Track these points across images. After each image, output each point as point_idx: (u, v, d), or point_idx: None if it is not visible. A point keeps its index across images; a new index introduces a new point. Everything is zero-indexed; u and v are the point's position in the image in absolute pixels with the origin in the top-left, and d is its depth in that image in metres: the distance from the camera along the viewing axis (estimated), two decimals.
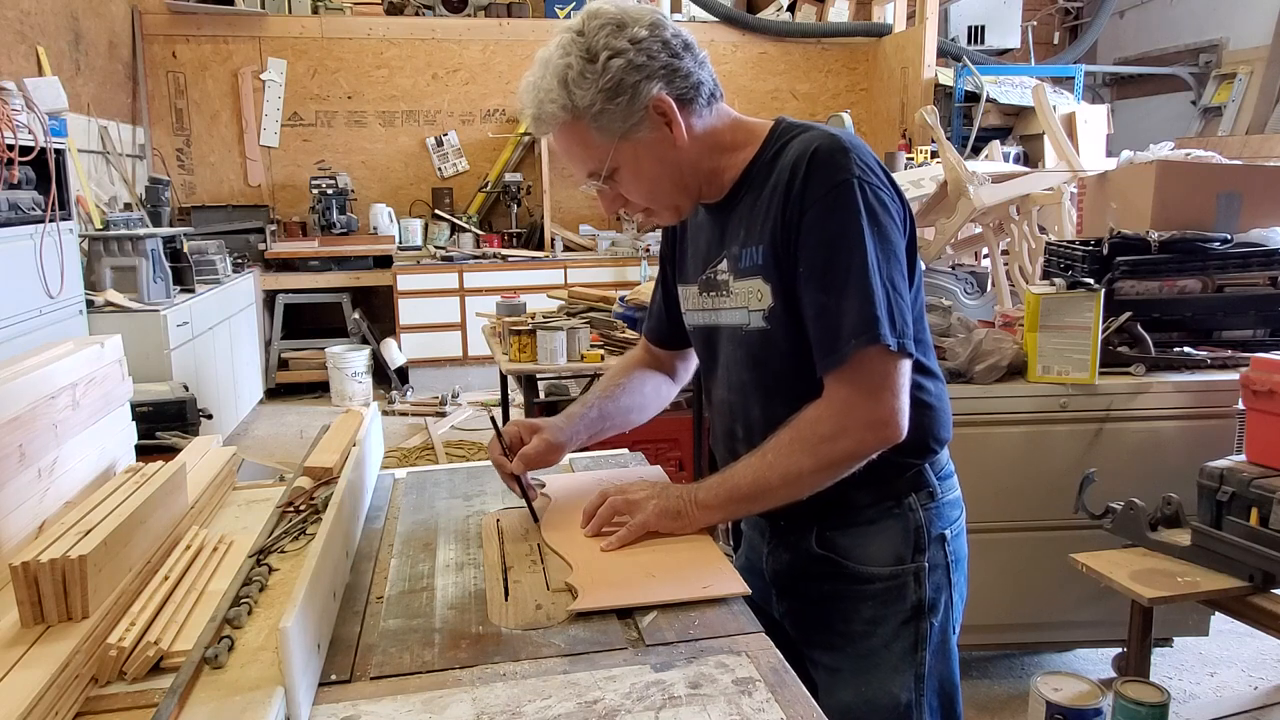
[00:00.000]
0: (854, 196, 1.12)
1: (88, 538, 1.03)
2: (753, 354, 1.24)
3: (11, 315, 3.10)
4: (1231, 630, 2.71)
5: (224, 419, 4.70)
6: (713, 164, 1.24)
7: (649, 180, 1.21)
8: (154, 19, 5.97)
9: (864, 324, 1.10)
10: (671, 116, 1.17)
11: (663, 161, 1.19)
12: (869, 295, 1.10)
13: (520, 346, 3.29)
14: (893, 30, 6.70)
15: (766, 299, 1.20)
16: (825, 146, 1.14)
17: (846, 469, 1.16)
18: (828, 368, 1.14)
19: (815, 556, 1.28)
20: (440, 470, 1.62)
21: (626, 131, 1.16)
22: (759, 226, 1.19)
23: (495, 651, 0.98)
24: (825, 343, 1.14)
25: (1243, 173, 2.82)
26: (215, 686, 0.91)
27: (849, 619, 1.27)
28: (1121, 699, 1.59)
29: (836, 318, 1.12)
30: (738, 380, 1.28)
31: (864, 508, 1.25)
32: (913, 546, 1.25)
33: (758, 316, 1.21)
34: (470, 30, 6.48)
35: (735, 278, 1.24)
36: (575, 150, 1.21)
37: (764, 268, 1.19)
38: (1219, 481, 1.93)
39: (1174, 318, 2.54)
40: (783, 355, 1.21)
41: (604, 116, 1.15)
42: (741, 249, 1.22)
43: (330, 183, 6.06)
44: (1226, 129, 6.09)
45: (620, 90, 1.13)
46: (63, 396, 1.28)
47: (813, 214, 1.13)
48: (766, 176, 1.21)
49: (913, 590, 1.26)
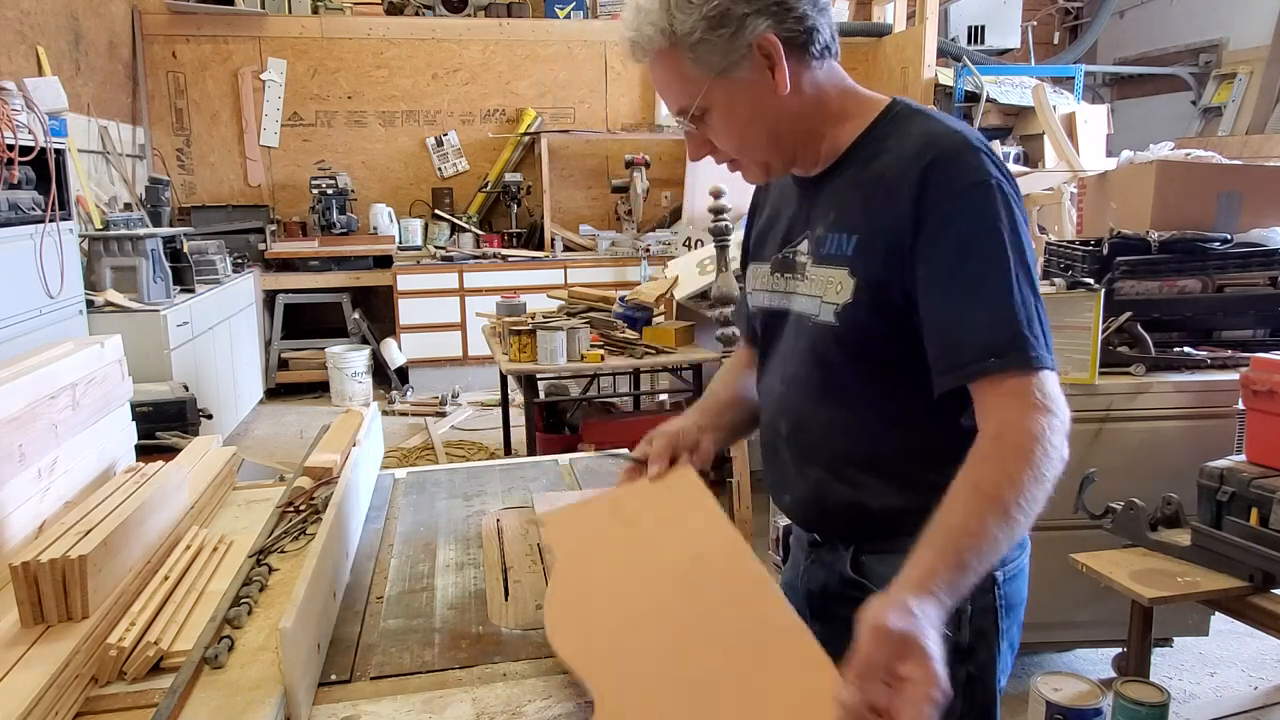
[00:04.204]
0: (994, 201, 1.01)
1: (88, 538, 1.03)
2: (814, 348, 1.13)
3: (11, 315, 3.10)
4: (1231, 630, 2.70)
5: (224, 419, 4.70)
6: (813, 127, 1.11)
7: (741, 126, 1.09)
8: (154, 19, 5.97)
9: (1007, 341, 0.97)
10: (776, 59, 1.04)
11: (759, 108, 1.07)
12: (1008, 308, 0.98)
13: (520, 346, 3.29)
14: (893, 30, 6.70)
15: (845, 294, 1.07)
16: (959, 142, 1.03)
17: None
18: (951, 385, 1.01)
19: (848, 580, 1.17)
20: (440, 470, 1.62)
21: (725, 68, 1.05)
22: (856, 213, 1.08)
23: (495, 651, 0.98)
24: (948, 357, 1.01)
25: (1243, 173, 2.82)
26: (215, 686, 0.91)
27: None
28: (1121, 699, 1.59)
29: (965, 332, 0.99)
30: (793, 372, 1.17)
31: (908, 534, 1.01)
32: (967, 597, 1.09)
33: (829, 310, 1.09)
34: (470, 30, 6.48)
35: (814, 262, 1.13)
36: (668, 82, 1.09)
37: (852, 260, 1.07)
38: (1219, 481, 1.92)
39: (1174, 318, 2.54)
40: (848, 357, 1.10)
41: (702, 47, 1.04)
42: (829, 233, 1.11)
43: (330, 183, 6.06)
44: (1226, 129, 6.09)
45: (725, 21, 1.03)
46: (63, 396, 1.28)
47: (942, 214, 1.01)
48: (873, 158, 1.09)
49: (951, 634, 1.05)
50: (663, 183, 6.76)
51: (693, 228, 5.00)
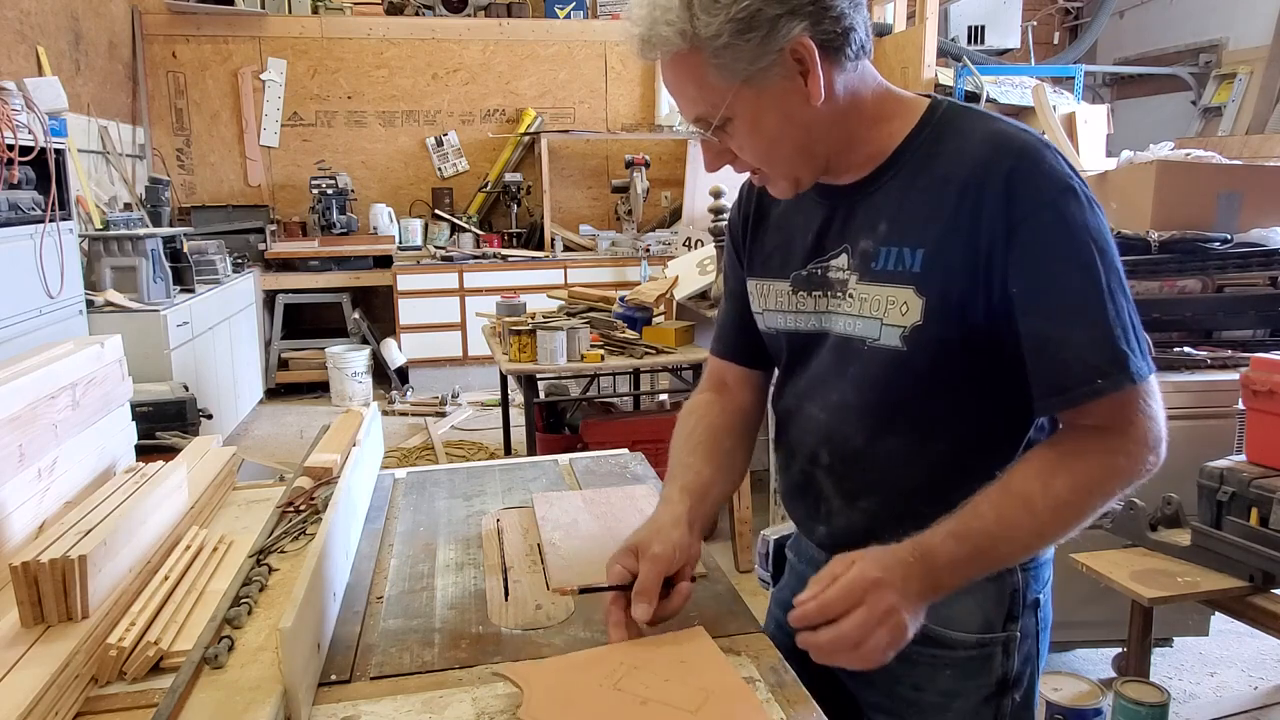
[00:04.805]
0: (1082, 208, 0.94)
1: (88, 538, 1.03)
2: (873, 375, 1.02)
3: (11, 315, 3.10)
4: (1231, 630, 2.71)
5: (224, 419, 4.70)
6: (848, 134, 1.01)
7: (768, 138, 0.98)
8: (154, 19, 5.97)
9: (1110, 361, 0.93)
10: (810, 66, 0.94)
11: (789, 119, 0.97)
12: (1110, 326, 0.93)
13: (520, 346, 3.29)
14: (893, 30, 6.70)
15: (914, 315, 0.97)
16: (1036, 143, 0.95)
17: None
18: (1058, 407, 0.96)
19: None
20: (440, 470, 1.62)
21: (752, 75, 0.94)
22: (919, 225, 0.98)
23: (495, 651, 0.98)
24: (1054, 380, 0.95)
25: (1243, 173, 2.82)
26: (215, 686, 0.91)
27: (921, 688, 1.08)
28: (1121, 699, 1.59)
29: (1072, 352, 0.93)
30: (840, 400, 1.06)
31: None
32: (1005, 613, 1.06)
33: (894, 334, 0.99)
34: (470, 30, 6.48)
35: (864, 279, 1.02)
36: (685, 87, 0.98)
37: (922, 276, 0.97)
38: (1219, 481, 1.92)
39: (1174, 318, 2.54)
40: (918, 384, 1.00)
41: (728, 53, 0.93)
42: (882, 247, 1.00)
43: (330, 183, 6.06)
44: (1226, 129, 6.09)
45: (754, 24, 0.91)
46: (63, 396, 1.28)
47: (1035, 224, 0.93)
48: (928, 162, 0.99)
49: (999, 662, 1.07)
50: (663, 183, 6.76)
51: (693, 228, 5.00)
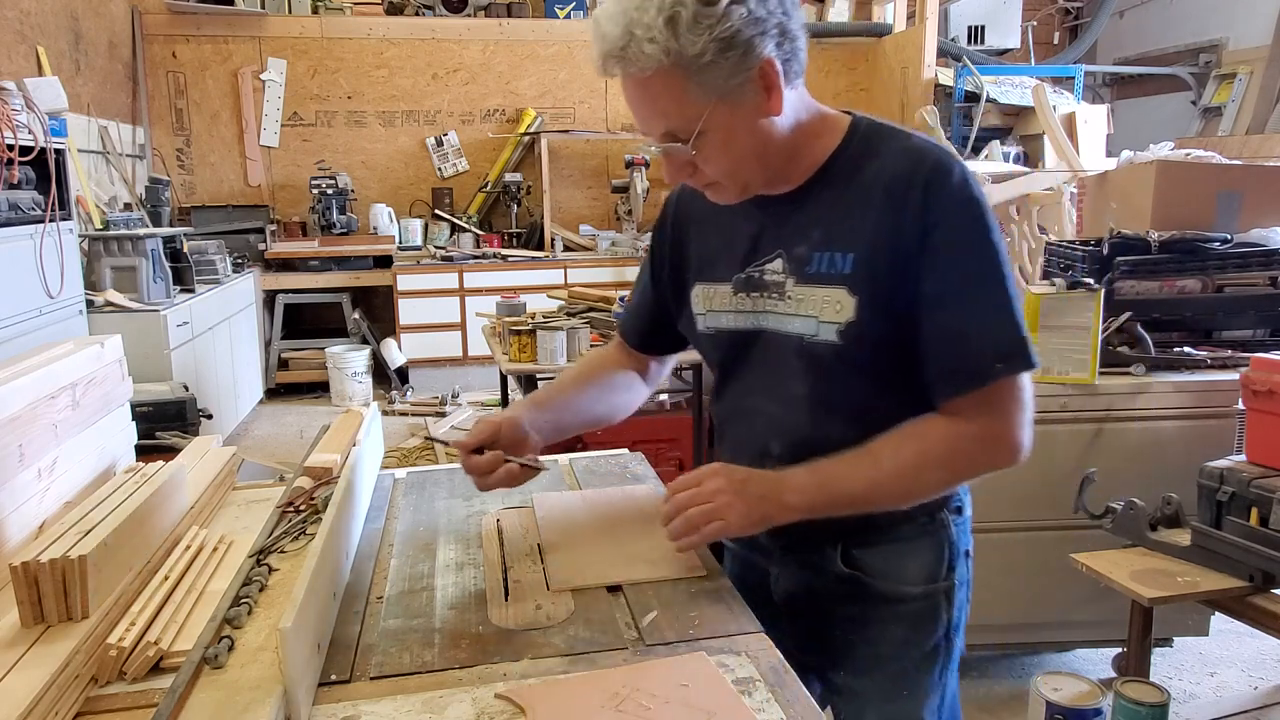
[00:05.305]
0: (983, 216, 1.06)
1: (88, 538, 1.03)
2: (814, 368, 1.12)
3: (11, 315, 3.10)
4: (1231, 630, 2.71)
5: (224, 419, 4.70)
6: (792, 147, 1.10)
7: (736, 151, 1.07)
8: (154, 19, 5.97)
9: (1008, 349, 1.05)
10: (774, 82, 1.03)
11: (754, 132, 1.06)
12: (1009, 317, 1.05)
13: (520, 346, 3.29)
14: (893, 30, 6.70)
15: (847, 312, 1.08)
16: (944, 160, 1.07)
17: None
18: (955, 394, 1.08)
19: (841, 576, 1.19)
20: (440, 470, 1.62)
21: (728, 91, 1.02)
22: (848, 232, 1.09)
23: (495, 651, 0.98)
24: (955, 369, 1.07)
25: (1243, 173, 2.82)
26: (215, 686, 0.91)
27: (877, 641, 1.20)
28: (1121, 699, 1.59)
29: (974, 343, 1.05)
30: (786, 393, 1.16)
31: (898, 524, 1.17)
32: (946, 564, 1.20)
33: (830, 329, 1.09)
34: (470, 30, 6.48)
35: (799, 282, 1.12)
36: (660, 104, 1.03)
37: (852, 278, 1.08)
38: (1219, 481, 1.93)
39: (1174, 318, 2.54)
40: (855, 373, 1.11)
41: (709, 70, 0.99)
42: (815, 252, 1.11)
43: (330, 183, 6.06)
44: (1226, 129, 6.09)
45: (734, 44, 0.99)
46: (63, 396, 1.28)
47: (946, 229, 1.05)
48: (852, 176, 1.10)
49: (944, 610, 1.20)
50: (662, 183, 6.75)
51: None
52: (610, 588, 1.12)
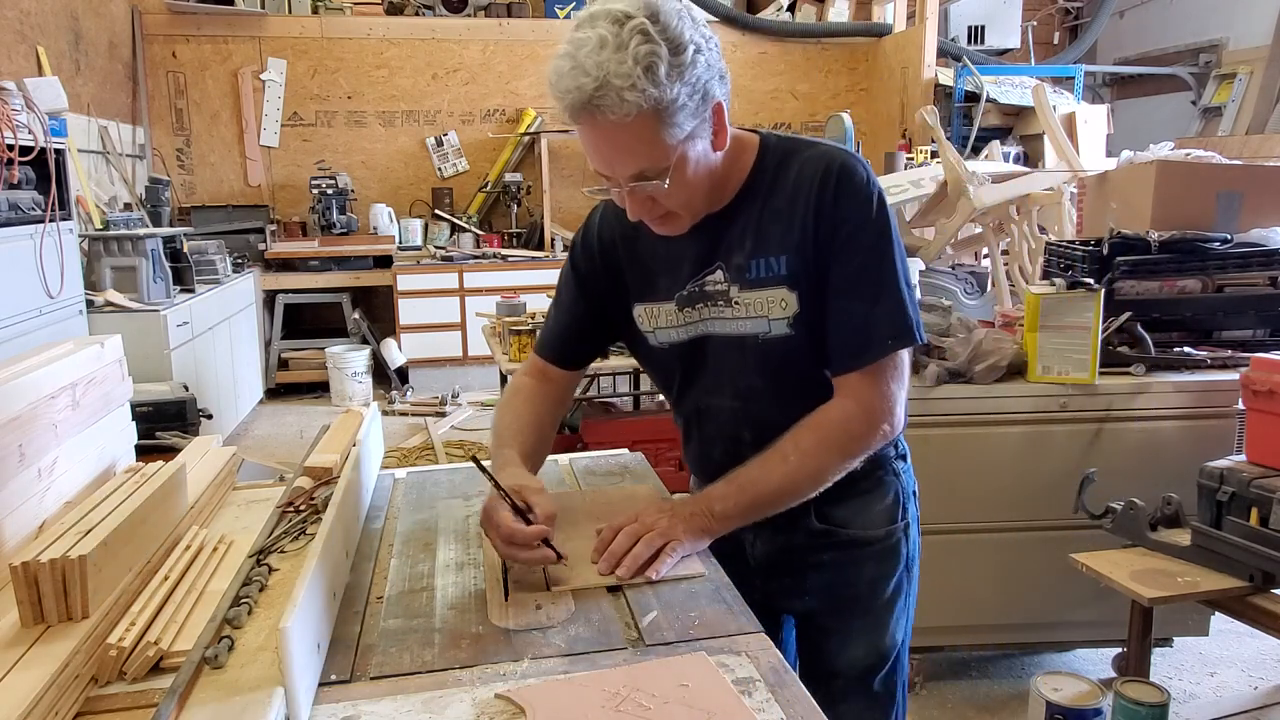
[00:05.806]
0: (883, 210, 1.19)
1: (88, 538, 1.03)
2: (771, 360, 1.25)
3: (11, 315, 3.10)
4: (1231, 630, 2.70)
5: (224, 419, 4.70)
6: (726, 172, 1.23)
7: (694, 185, 1.17)
8: (154, 19, 5.97)
9: (900, 327, 1.19)
10: (723, 121, 1.16)
11: (707, 166, 1.18)
12: (902, 301, 1.19)
13: (520, 346, 3.30)
14: (893, 30, 6.70)
15: (793, 306, 1.21)
16: (849, 164, 1.19)
17: (862, 460, 1.24)
18: (852, 367, 1.21)
19: (815, 531, 1.33)
20: (440, 470, 1.62)
21: (692, 132, 1.12)
22: (777, 238, 1.21)
23: (495, 651, 0.98)
24: (854, 345, 1.20)
25: (1243, 173, 2.82)
26: (215, 686, 0.91)
27: (853, 582, 1.35)
28: (1121, 699, 1.59)
29: (871, 322, 1.19)
30: (746, 387, 1.28)
31: (858, 479, 1.30)
32: (900, 506, 1.36)
33: (781, 324, 1.23)
34: (470, 30, 6.48)
35: (743, 288, 1.23)
36: (636, 147, 1.11)
37: (789, 277, 1.21)
38: (1219, 481, 1.93)
39: (1174, 318, 2.54)
40: (806, 359, 1.24)
41: (680, 114, 1.09)
42: (751, 259, 1.22)
43: (330, 183, 6.06)
44: (1226, 129, 6.08)
45: (697, 89, 1.09)
46: (63, 396, 1.28)
47: (849, 228, 1.18)
48: (771, 189, 1.22)
49: (903, 545, 1.36)
50: None
51: None
52: (610, 588, 1.12)
